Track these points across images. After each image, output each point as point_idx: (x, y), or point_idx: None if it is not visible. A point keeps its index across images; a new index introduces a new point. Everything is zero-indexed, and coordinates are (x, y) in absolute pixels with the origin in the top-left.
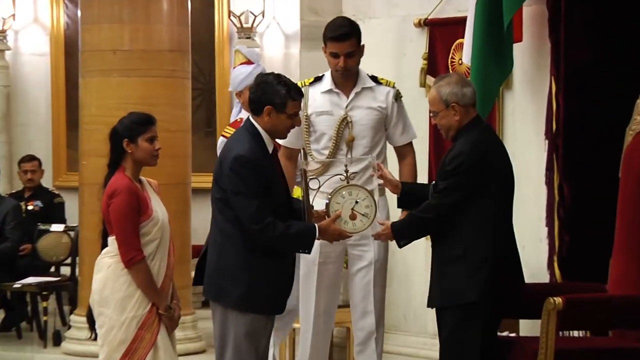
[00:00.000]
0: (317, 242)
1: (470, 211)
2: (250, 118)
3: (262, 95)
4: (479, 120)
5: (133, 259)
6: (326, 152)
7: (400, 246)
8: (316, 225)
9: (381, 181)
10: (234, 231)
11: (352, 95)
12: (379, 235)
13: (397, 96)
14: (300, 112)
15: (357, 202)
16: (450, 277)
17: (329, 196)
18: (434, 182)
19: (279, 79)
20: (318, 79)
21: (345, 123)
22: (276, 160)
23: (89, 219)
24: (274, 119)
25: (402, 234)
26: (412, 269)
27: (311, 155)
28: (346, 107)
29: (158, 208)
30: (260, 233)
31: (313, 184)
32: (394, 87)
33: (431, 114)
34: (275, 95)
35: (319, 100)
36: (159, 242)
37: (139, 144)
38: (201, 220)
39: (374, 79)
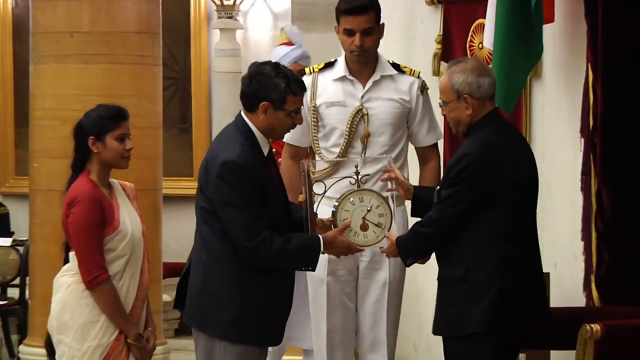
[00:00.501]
0: (323, 256)
1: (475, 224)
2: (242, 114)
3: (257, 90)
4: (495, 116)
5: (96, 278)
6: (336, 150)
7: (406, 265)
8: (321, 237)
9: (391, 185)
10: (222, 247)
11: (369, 84)
12: (384, 251)
13: (423, 88)
14: (302, 108)
15: (369, 210)
16: (451, 301)
17: (337, 202)
18: (437, 187)
19: (277, 69)
20: (329, 65)
21: (360, 116)
22: (272, 164)
23: (41, 231)
24: (271, 117)
25: (407, 251)
26: (423, 292)
27: (320, 154)
28: (362, 97)
29: (128, 218)
30: (254, 251)
31: (317, 188)
32: (419, 77)
33: (440, 103)
34: (273, 90)
35: (330, 89)
36: (128, 259)
37: (107, 143)
38: (174, 233)
39: (395, 66)
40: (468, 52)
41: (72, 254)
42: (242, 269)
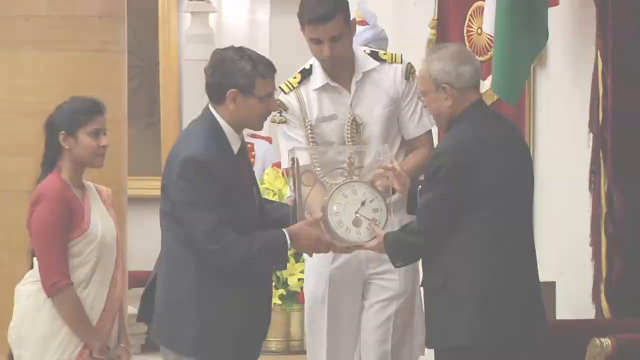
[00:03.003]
0: (326, 272)
1: (457, 227)
2: (210, 107)
3: (222, 77)
4: (479, 107)
5: (55, 284)
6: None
7: (395, 267)
8: (285, 230)
9: (381, 171)
10: (186, 254)
11: (353, 87)
12: (369, 247)
13: (408, 73)
14: (275, 93)
15: (362, 204)
16: (435, 312)
17: (326, 196)
18: (420, 187)
19: (241, 52)
20: (306, 74)
21: (354, 126)
22: (244, 163)
23: None
24: (242, 105)
25: (394, 253)
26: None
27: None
28: (351, 105)
29: (100, 222)
30: (220, 255)
31: (306, 180)
32: (402, 62)
33: (419, 95)
34: (239, 75)
35: (318, 102)
36: (95, 266)
37: (79, 139)
38: (140, 239)
39: (374, 56)
40: (465, 37)
41: (35, 259)
42: (207, 279)
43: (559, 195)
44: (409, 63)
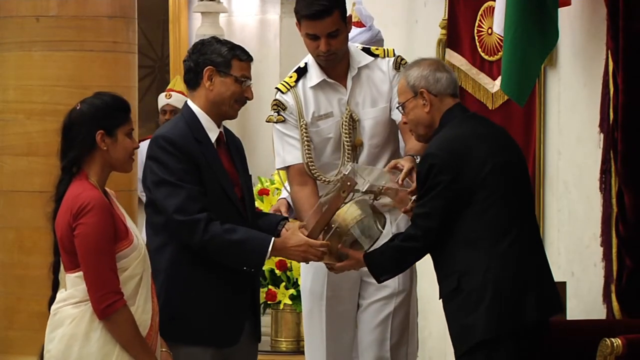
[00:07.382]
0: (323, 271)
1: (457, 229)
2: (187, 102)
3: (200, 57)
4: (458, 110)
5: (111, 306)
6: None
7: (379, 282)
8: (273, 238)
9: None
10: (162, 245)
11: (349, 83)
12: (341, 267)
13: (398, 64)
14: (250, 82)
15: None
16: (454, 315)
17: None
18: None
19: (219, 39)
20: (301, 72)
21: (351, 122)
22: (225, 152)
23: (4, 237)
24: (218, 84)
25: (383, 267)
26: (426, 304)
27: (316, 173)
28: (348, 101)
29: (136, 230)
30: (185, 227)
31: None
32: (394, 55)
33: (399, 109)
34: (215, 54)
35: (314, 100)
36: (140, 279)
37: (119, 139)
38: None
39: (367, 51)
40: (476, 37)
41: (71, 277)
42: (181, 264)
43: (569, 195)
44: (400, 55)
